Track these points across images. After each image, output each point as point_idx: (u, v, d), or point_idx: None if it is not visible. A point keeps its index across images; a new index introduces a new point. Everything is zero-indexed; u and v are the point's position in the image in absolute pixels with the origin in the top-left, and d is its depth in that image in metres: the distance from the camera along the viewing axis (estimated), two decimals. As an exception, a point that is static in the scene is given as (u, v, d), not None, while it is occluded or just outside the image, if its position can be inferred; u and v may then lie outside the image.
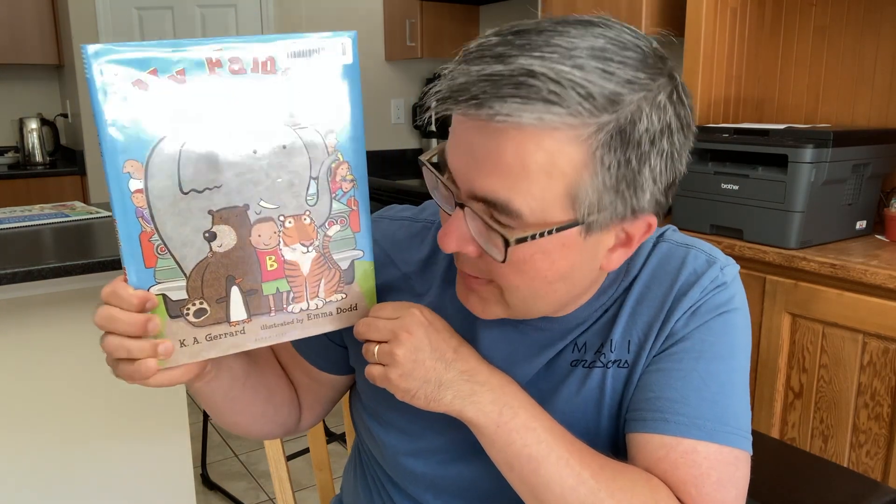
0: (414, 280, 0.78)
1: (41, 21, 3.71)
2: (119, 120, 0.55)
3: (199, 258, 0.61)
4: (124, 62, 0.55)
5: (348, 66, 0.63)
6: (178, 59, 0.56)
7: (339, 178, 0.65)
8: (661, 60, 0.59)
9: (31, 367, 1.64)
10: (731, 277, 0.70)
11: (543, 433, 0.63)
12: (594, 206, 0.57)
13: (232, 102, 0.59)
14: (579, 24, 0.57)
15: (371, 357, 0.66)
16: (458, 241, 0.61)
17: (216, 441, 2.61)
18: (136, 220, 0.58)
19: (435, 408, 0.65)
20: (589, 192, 0.57)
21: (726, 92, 2.12)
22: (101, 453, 1.75)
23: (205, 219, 0.60)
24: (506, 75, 0.53)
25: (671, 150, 0.59)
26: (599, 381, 0.70)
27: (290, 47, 0.60)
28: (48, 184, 3.71)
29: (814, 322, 1.62)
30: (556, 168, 0.55)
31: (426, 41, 3.32)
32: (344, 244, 0.67)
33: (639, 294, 0.70)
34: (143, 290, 0.59)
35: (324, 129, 0.63)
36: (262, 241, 0.63)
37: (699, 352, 0.67)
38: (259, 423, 0.82)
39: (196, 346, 0.63)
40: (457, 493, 0.76)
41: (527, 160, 0.55)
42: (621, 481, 0.63)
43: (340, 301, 0.69)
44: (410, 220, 0.82)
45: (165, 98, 0.57)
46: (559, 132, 0.54)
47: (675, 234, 0.74)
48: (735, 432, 0.66)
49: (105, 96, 0.55)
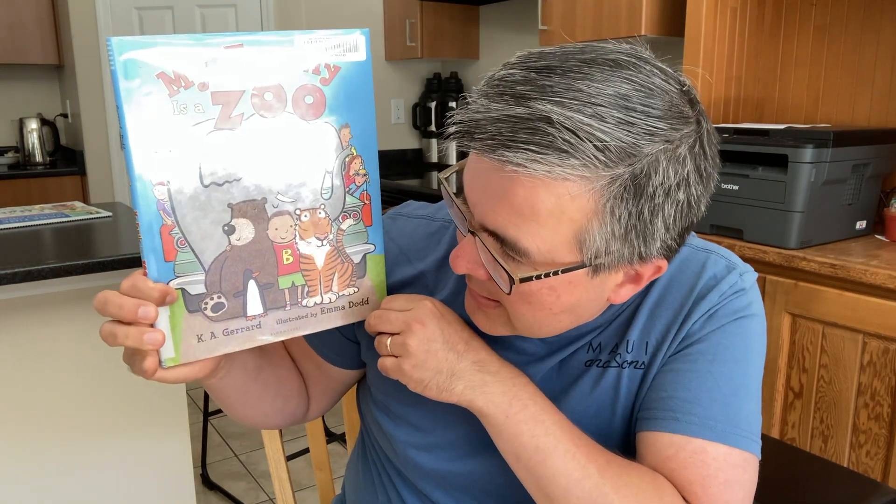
0: (429, 278, 0.78)
1: (41, 21, 3.71)
2: (141, 112, 0.56)
3: (218, 252, 0.61)
4: (148, 55, 0.55)
5: (361, 62, 0.64)
6: (200, 52, 0.57)
7: (352, 172, 0.66)
8: (690, 104, 0.58)
9: (31, 367, 1.64)
10: (749, 284, 0.71)
11: (552, 426, 0.64)
12: (601, 251, 0.57)
13: (251, 97, 0.60)
14: (607, 66, 0.55)
15: (384, 349, 0.67)
16: (468, 265, 0.62)
17: (216, 441, 2.61)
18: (158, 213, 0.58)
19: (446, 398, 0.65)
20: (597, 238, 0.57)
21: (726, 92, 2.12)
22: (101, 453, 1.75)
23: (224, 212, 0.61)
24: (524, 118, 0.53)
25: (687, 199, 0.58)
26: (614, 381, 0.70)
27: (308, 41, 0.61)
28: (48, 184, 3.71)
29: (814, 322, 1.62)
30: (565, 214, 0.55)
31: (426, 41, 3.33)
32: (356, 238, 0.68)
33: (658, 296, 0.71)
34: (162, 283, 0.59)
35: (339, 123, 0.64)
36: (279, 234, 0.63)
37: (714, 354, 0.67)
38: (269, 415, 0.83)
39: (213, 340, 0.63)
40: (466, 489, 0.76)
41: (537, 205, 0.55)
42: (627, 477, 0.63)
43: (352, 295, 0.69)
44: (428, 219, 0.82)
45: (188, 91, 0.57)
46: (570, 182, 0.54)
47: (694, 239, 0.74)
48: (745, 435, 0.66)
49: (128, 89, 0.55)
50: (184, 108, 0.57)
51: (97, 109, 3.69)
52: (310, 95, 0.62)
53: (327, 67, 0.63)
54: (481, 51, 3.50)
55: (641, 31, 2.26)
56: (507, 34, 3.33)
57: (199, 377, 0.66)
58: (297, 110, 0.62)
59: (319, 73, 0.62)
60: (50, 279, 1.40)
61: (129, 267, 1.45)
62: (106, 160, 3.77)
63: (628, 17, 2.29)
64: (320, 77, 0.62)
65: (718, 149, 0.61)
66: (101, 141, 3.74)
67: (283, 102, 0.61)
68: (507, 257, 0.59)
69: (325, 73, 0.63)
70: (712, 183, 0.61)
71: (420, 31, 3.31)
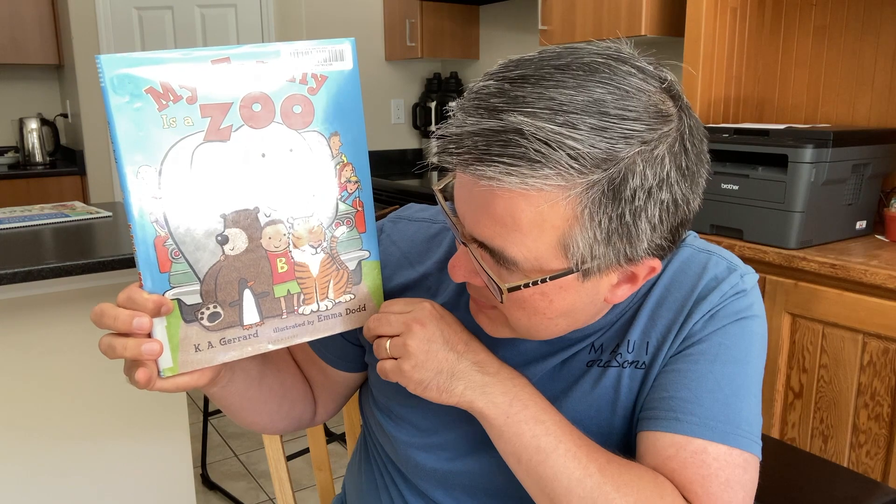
0: (431, 280, 0.78)
1: (41, 21, 3.72)
2: (132, 127, 0.56)
3: (213, 262, 0.61)
4: (136, 71, 0.56)
5: (348, 71, 0.65)
6: (188, 67, 0.58)
7: (343, 180, 0.67)
8: (673, 100, 0.58)
9: (31, 367, 1.64)
10: (750, 285, 0.71)
11: (553, 426, 0.64)
12: (587, 256, 0.58)
13: (239, 109, 0.60)
14: (581, 71, 0.55)
15: (383, 352, 0.67)
16: (464, 274, 0.64)
17: (216, 441, 2.61)
18: (151, 225, 0.59)
19: (446, 399, 0.65)
20: (580, 244, 0.57)
21: (726, 92, 2.12)
22: (101, 453, 1.75)
23: (217, 222, 0.61)
24: (497, 131, 0.53)
25: (672, 198, 0.57)
26: (615, 380, 0.71)
27: (294, 52, 0.62)
28: (48, 184, 3.71)
29: (814, 322, 1.62)
30: (546, 222, 0.56)
31: (426, 41, 3.33)
32: (351, 245, 0.68)
33: (659, 297, 0.71)
34: (158, 293, 0.60)
35: (328, 132, 0.65)
36: (273, 243, 0.64)
37: (715, 354, 0.68)
38: (275, 421, 0.83)
39: (210, 350, 0.63)
40: (467, 489, 0.77)
41: (517, 216, 0.55)
42: (627, 476, 0.63)
43: (349, 301, 0.70)
44: (429, 222, 0.83)
45: (176, 105, 0.58)
46: (547, 191, 0.54)
47: (696, 240, 0.75)
48: (746, 436, 0.66)
49: (118, 104, 0.56)
50: (173, 121, 0.58)
51: (97, 109, 3.69)
52: (298, 105, 0.63)
53: (314, 77, 0.63)
54: (481, 51, 3.50)
55: (641, 32, 2.25)
56: (507, 34, 3.33)
57: (199, 385, 0.66)
58: (285, 120, 0.62)
59: (307, 82, 0.63)
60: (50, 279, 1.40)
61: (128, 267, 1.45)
62: (106, 160, 3.77)
63: (628, 17, 2.29)
64: (307, 87, 0.63)
65: (707, 144, 0.61)
66: (101, 141, 3.74)
67: (272, 113, 0.62)
68: (499, 266, 0.60)
69: (312, 83, 0.63)
70: (701, 179, 0.60)
71: (420, 31, 3.31)
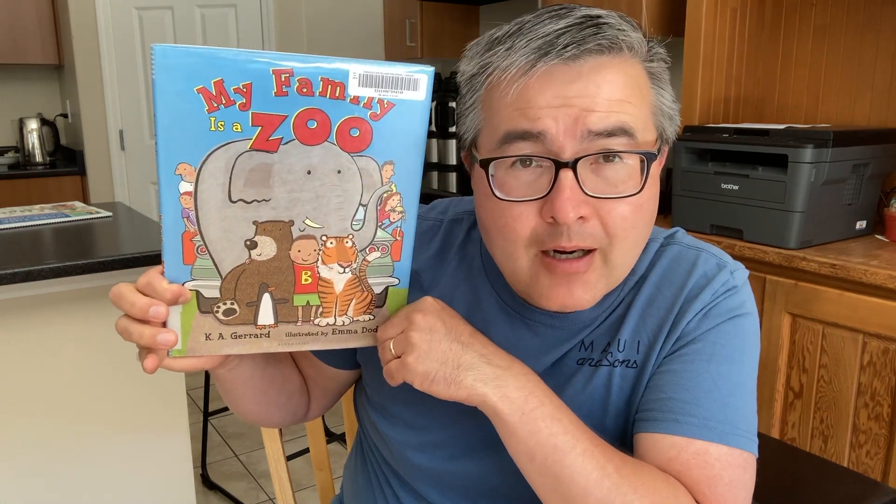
0: (423, 277, 0.79)
1: (41, 21, 3.71)
2: (177, 123, 0.56)
3: (237, 263, 0.61)
4: (191, 66, 0.54)
5: (420, 102, 0.62)
6: (246, 71, 0.56)
7: (388, 209, 0.65)
8: None
9: (31, 367, 1.64)
10: (741, 281, 0.71)
11: (569, 424, 0.62)
12: (661, 126, 0.66)
13: (293, 123, 0.58)
14: None
15: (387, 353, 0.65)
16: (576, 206, 0.62)
17: (216, 441, 2.61)
18: (181, 220, 0.58)
19: (455, 392, 0.62)
20: (657, 111, 0.66)
21: (726, 92, 2.12)
22: (101, 453, 1.75)
23: (248, 228, 0.60)
24: (578, 23, 0.62)
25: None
26: (606, 379, 0.70)
27: (363, 75, 0.59)
28: (48, 184, 3.71)
29: (814, 322, 1.62)
30: (640, 90, 0.64)
31: (426, 41, 3.32)
32: (381, 270, 0.67)
33: (649, 294, 0.71)
34: (177, 284, 0.60)
35: (382, 159, 0.62)
36: (301, 256, 0.63)
37: (710, 354, 0.67)
38: (272, 412, 0.84)
39: (220, 340, 0.64)
40: (462, 490, 0.76)
41: (625, 84, 0.62)
42: (643, 477, 0.62)
43: (367, 322, 0.68)
44: (420, 219, 0.83)
45: (227, 109, 0.56)
46: (633, 59, 0.64)
47: (685, 238, 0.75)
48: (744, 435, 0.66)
49: (166, 98, 0.55)
50: (221, 125, 0.56)
51: (97, 109, 3.69)
52: (356, 129, 0.60)
53: (380, 103, 0.60)
54: (481, 51, 3.50)
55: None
56: (507, 34, 3.32)
57: (207, 367, 0.66)
58: (339, 141, 0.60)
59: (370, 107, 0.60)
60: (50, 279, 1.41)
61: (128, 267, 1.45)
62: (106, 160, 3.77)
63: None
64: (370, 111, 0.60)
65: None
66: (101, 141, 3.74)
67: (327, 132, 0.60)
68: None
69: (376, 109, 0.60)
70: None
71: (420, 31, 3.31)
